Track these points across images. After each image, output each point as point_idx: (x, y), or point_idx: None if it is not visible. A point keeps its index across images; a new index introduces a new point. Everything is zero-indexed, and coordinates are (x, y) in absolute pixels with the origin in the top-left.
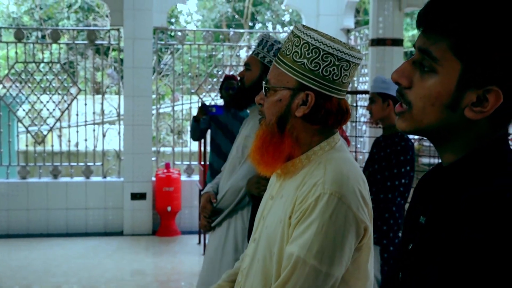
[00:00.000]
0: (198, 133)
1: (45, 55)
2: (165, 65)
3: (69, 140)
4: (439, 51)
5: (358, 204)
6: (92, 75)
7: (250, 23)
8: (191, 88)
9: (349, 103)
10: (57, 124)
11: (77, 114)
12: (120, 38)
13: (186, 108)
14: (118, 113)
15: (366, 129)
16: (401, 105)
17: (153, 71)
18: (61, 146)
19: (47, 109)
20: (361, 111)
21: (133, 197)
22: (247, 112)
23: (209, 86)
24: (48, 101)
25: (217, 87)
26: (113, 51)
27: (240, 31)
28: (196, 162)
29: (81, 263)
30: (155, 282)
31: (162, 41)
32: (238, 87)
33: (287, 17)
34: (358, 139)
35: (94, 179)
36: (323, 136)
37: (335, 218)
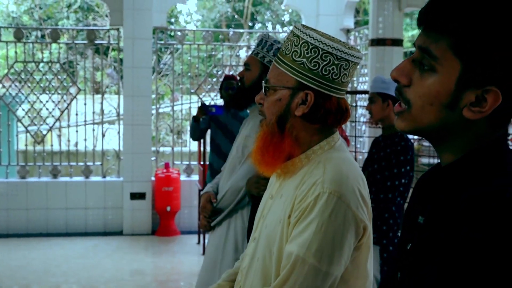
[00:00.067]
0: (198, 133)
1: (45, 54)
2: (164, 65)
3: (68, 139)
4: (439, 50)
5: (358, 203)
6: (91, 75)
7: (250, 23)
8: (191, 88)
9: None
10: (57, 124)
11: (76, 113)
12: (119, 38)
13: (185, 108)
14: (117, 112)
15: (366, 129)
16: (400, 104)
17: (152, 71)
18: (60, 145)
19: (47, 109)
20: (360, 111)
21: (133, 197)
22: (247, 112)
23: (209, 86)
24: (47, 101)
25: (216, 87)
26: (112, 50)
27: (239, 31)
28: (195, 162)
29: (81, 263)
30: (154, 282)
31: (162, 41)
32: (238, 87)
33: (286, 17)
34: (358, 139)
35: (93, 178)
36: (322, 136)
37: (334, 217)
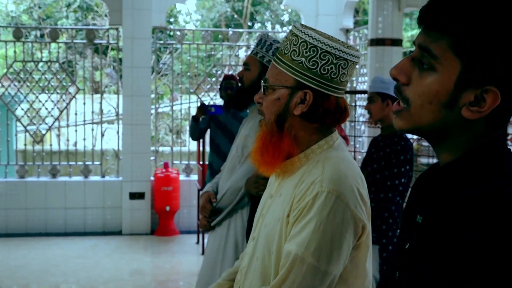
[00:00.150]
0: (197, 133)
1: (44, 54)
2: (164, 64)
3: (67, 139)
4: (439, 49)
5: (356, 202)
6: (91, 74)
7: (249, 23)
8: (190, 88)
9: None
10: (56, 123)
11: (75, 113)
12: (119, 38)
13: (185, 108)
14: (117, 112)
15: (365, 129)
16: (398, 103)
17: (152, 71)
18: (59, 145)
19: (46, 108)
20: (360, 111)
21: (132, 197)
22: (247, 111)
23: (208, 86)
24: (46, 100)
25: (216, 86)
26: (112, 50)
27: (239, 30)
28: (194, 162)
29: (80, 262)
30: (153, 282)
31: (161, 41)
32: (238, 87)
33: (286, 17)
34: (357, 138)
35: (92, 178)
36: (321, 135)
37: (333, 216)
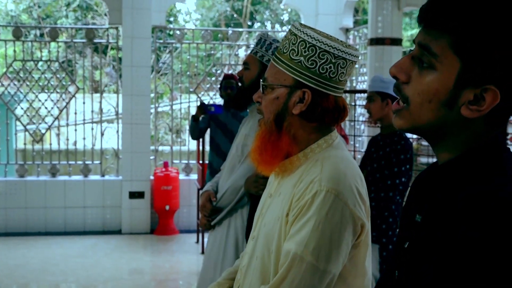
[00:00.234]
0: (197, 132)
1: (44, 53)
2: (163, 64)
3: (67, 138)
4: (439, 47)
5: (355, 201)
6: (90, 74)
7: (249, 22)
8: (190, 87)
9: (348, 102)
10: (56, 123)
11: (75, 112)
12: (118, 37)
13: (184, 107)
14: (116, 111)
15: (365, 128)
16: (398, 102)
17: (151, 70)
18: (59, 144)
19: (45, 108)
20: (359, 110)
21: (131, 196)
22: (247, 111)
23: (208, 85)
24: (46, 100)
25: (215, 86)
26: (111, 49)
27: (238, 30)
28: (194, 161)
29: (79, 261)
30: (153, 281)
31: (161, 40)
32: (238, 87)
33: (286, 17)
34: (357, 138)
35: (92, 177)
36: (320, 134)
37: (331, 215)
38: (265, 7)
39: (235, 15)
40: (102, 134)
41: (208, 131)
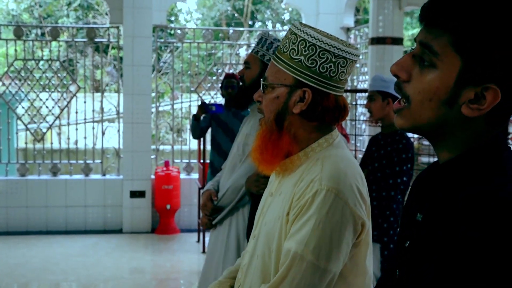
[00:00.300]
0: (198, 132)
1: (45, 52)
2: (164, 63)
3: (68, 137)
4: (440, 46)
5: (355, 200)
6: (91, 73)
7: (250, 22)
8: (191, 86)
9: (349, 101)
10: (57, 122)
11: (76, 111)
12: (119, 36)
13: (185, 106)
14: (117, 111)
15: (366, 128)
16: (399, 102)
17: (152, 69)
18: (60, 143)
19: (47, 107)
20: (360, 109)
21: (132, 195)
22: (248, 110)
23: (209, 85)
24: (47, 99)
25: (216, 85)
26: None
27: (239, 29)
28: (195, 160)
29: (80, 261)
30: (154, 280)
31: (162, 39)
32: (239, 87)
33: (286, 16)
34: (358, 137)
35: (93, 176)
36: (321, 133)
37: (332, 214)
38: (266, 6)
39: (236, 15)
40: (103, 133)
41: (209, 130)
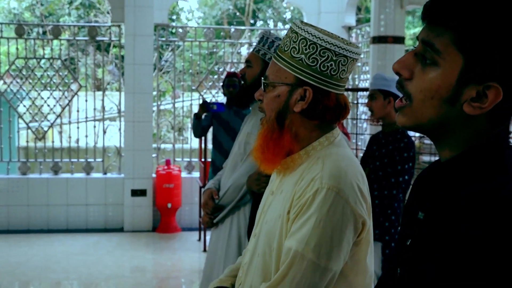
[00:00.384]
0: (199, 130)
1: (46, 51)
2: (166, 62)
3: (69, 136)
4: (442, 44)
5: (356, 199)
6: (93, 72)
7: (251, 21)
8: (192, 85)
9: (350, 100)
10: (58, 120)
11: (77, 110)
12: (121, 35)
13: (186, 105)
14: (118, 109)
15: (367, 127)
16: (401, 100)
17: (154, 68)
18: (61, 142)
19: (48, 105)
20: (362, 108)
21: (134, 194)
22: (249, 109)
23: (210, 83)
24: (48, 97)
25: (218, 84)
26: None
27: (241, 28)
28: (196, 159)
29: (81, 259)
30: (155, 279)
31: (163, 38)
32: (241, 85)
33: (288, 15)
34: (359, 136)
35: (94, 175)
36: (322, 132)
37: (332, 213)
38: (267, 5)
39: (237, 13)
40: (104, 132)
41: (211, 129)
